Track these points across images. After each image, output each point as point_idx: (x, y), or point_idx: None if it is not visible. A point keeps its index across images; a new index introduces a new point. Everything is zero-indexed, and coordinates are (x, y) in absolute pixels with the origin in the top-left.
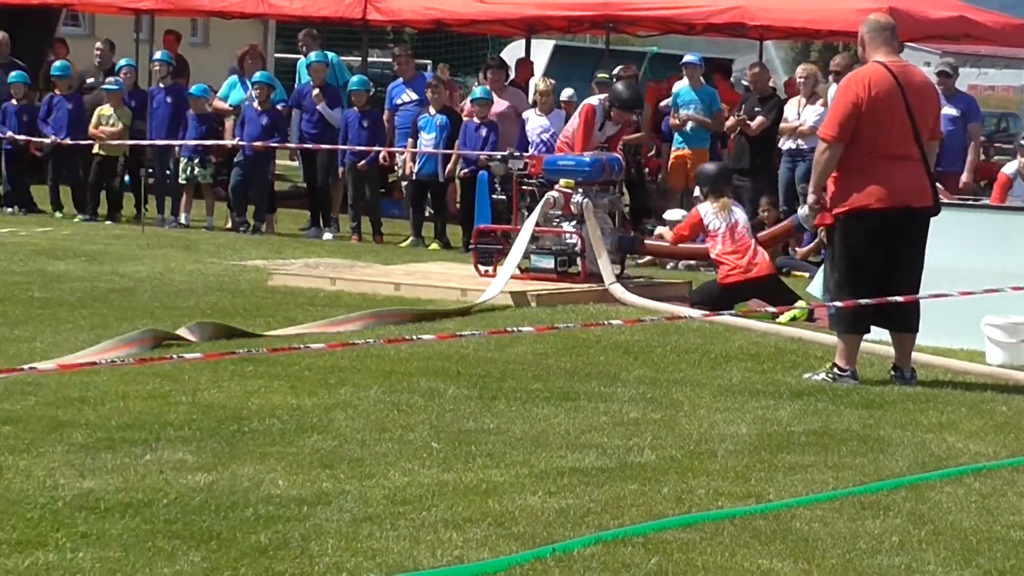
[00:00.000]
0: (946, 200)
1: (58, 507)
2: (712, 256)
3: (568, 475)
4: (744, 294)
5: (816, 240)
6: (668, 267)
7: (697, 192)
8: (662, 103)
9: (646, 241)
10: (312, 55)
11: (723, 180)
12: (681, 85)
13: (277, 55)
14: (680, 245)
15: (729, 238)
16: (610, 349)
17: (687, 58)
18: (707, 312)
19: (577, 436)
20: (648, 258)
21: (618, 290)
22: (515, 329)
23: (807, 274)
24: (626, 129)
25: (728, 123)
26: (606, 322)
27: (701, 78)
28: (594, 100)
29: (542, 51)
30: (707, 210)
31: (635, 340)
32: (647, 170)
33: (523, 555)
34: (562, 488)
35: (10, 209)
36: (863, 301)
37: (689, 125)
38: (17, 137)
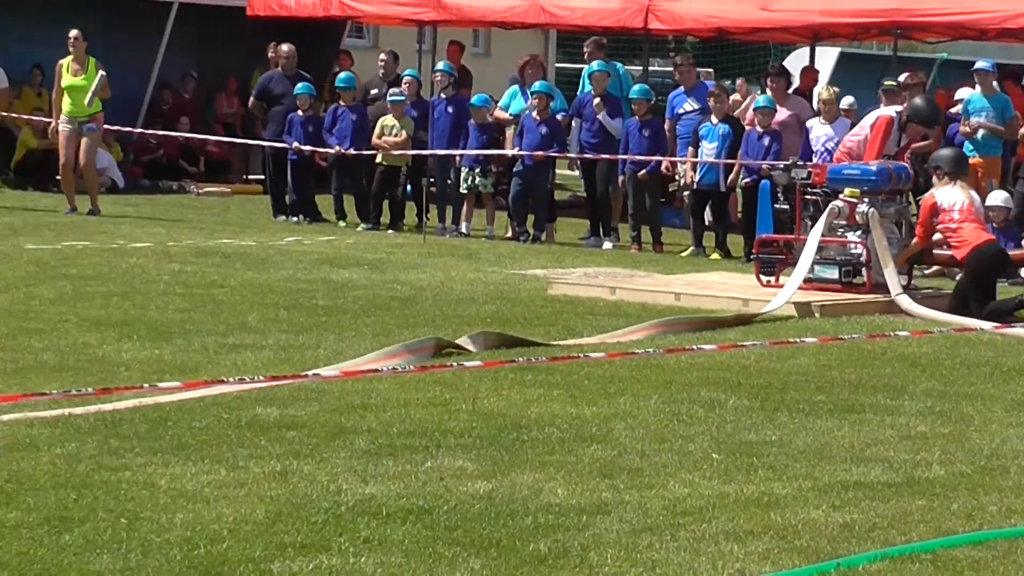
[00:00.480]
0: None
1: (341, 512)
2: (946, 233)
3: (853, 489)
4: (990, 259)
5: None
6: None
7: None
8: (951, 110)
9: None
10: (594, 64)
11: (961, 164)
12: (970, 92)
13: (558, 65)
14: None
15: (963, 212)
16: (896, 361)
17: (979, 64)
18: (999, 324)
19: (862, 449)
20: (936, 268)
21: (905, 301)
22: (798, 340)
23: None
24: (915, 138)
25: (1022, 131)
26: (892, 333)
27: (994, 84)
28: (891, 112)
29: (827, 58)
30: (939, 190)
31: (923, 352)
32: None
33: (806, 569)
34: (846, 502)
35: (295, 218)
36: None
37: (980, 133)
38: (303, 148)
